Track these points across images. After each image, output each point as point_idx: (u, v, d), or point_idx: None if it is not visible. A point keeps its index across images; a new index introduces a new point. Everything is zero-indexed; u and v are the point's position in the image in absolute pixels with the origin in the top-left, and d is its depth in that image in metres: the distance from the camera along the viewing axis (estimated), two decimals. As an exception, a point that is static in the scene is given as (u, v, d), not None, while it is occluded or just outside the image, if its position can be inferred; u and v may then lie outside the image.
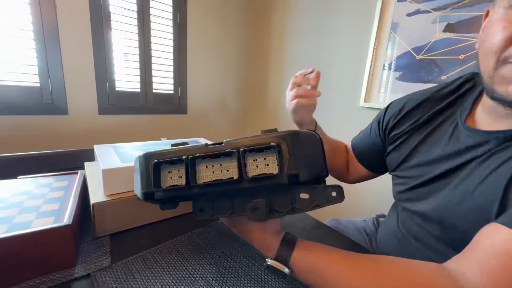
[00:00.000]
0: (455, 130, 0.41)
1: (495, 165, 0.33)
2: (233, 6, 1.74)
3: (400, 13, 1.05)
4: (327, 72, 1.38)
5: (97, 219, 0.40)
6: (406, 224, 0.47)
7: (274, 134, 0.28)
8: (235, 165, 0.27)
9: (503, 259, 0.25)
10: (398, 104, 0.52)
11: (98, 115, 1.37)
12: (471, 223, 0.34)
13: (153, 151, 0.31)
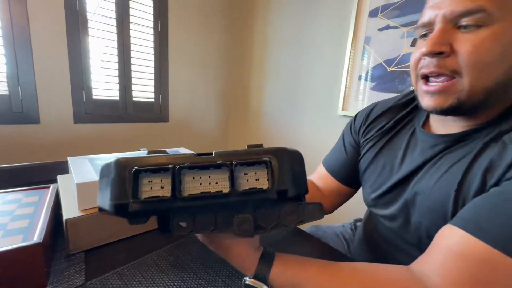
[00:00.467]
0: (413, 135, 0.46)
1: (447, 166, 0.37)
2: (214, 14, 1.76)
3: (372, 28, 1.12)
4: (307, 82, 1.43)
5: (71, 236, 0.39)
6: (377, 228, 0.50)
7: (264, 149, 0.28)
8: (225, 178, 0.26)
9: (458, 260, 0.27)
10: (364, 112, 0.56)
11: (74, 124, 1.32)
12: (431, 220, 0.37)
13: (127, 157, 0.28)
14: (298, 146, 1.50)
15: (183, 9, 1.60)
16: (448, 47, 0.34)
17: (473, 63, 0.32)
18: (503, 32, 0.31)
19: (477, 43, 0.32)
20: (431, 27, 0.36)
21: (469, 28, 0.32)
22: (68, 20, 1.21)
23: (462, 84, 0.34)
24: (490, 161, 0.32)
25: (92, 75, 1.33)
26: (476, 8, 0.31)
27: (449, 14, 0.33)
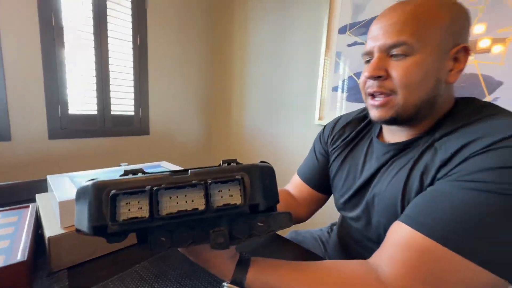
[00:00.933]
0: (370, 144, 0.52)
1: (396, 170, 0.43)
2: (194, 27, 1.81)
3: (341, 44, 1.22)
4: (285, 93, 1.50)
5: (53, 253, 0.39)
6: (347, 230, 0.56)
7: (237, 166, 0.30)
8: (201, 196, 0.27)
9: (403, 251, 0.32)
10: (331, 124, 0.63)
11: (48, 140, 1.28)
12: (387, 218, 0.42)
13: (104, 180, 0.28)
14: (278, 154, 1.55)
15: (162, 23, 1.63)
16: (384, 71, 0.41)
17: (404, 84, 0.40)
18: (423, 61, 0.39)
19: (405, 69, 0.40)
20: (371, 55, 0.44)
21: (398, 57, 0.40)
22: (43, 34, 1.20)
23: (398, 100, 0.41)
24: (426, 165, 0.39)
25: (68, 90, 1.31)
26: (401, 42, 0.39)
27: (383, 46, 0.41)
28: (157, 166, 0.70)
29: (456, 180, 0.33)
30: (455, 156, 0.35)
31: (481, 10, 0.84)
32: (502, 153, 0.31)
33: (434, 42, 0.39)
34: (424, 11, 0.39)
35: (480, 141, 0.34)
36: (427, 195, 0.35)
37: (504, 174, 0.30)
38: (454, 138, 0.37)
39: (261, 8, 1.58)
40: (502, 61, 0.82)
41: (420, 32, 0.39)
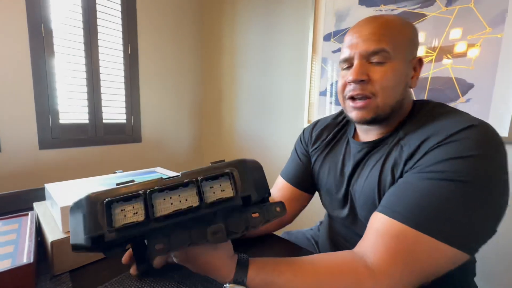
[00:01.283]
0: (347, 144, 0.57)
1: (371, 167, 0.48)
2: (184, 36, 1.84)
3: (327, 50, 1.28)
4: (275, 97, 1.55)
5: (56, 257, 0.41)
6: (336, 227, 0.60)
7: (225, 163, 0.31)
8: (194, 194, 0.28)
9: (383, 238, 0.36)
10: (309, 128, 0.67)
11: (39, 150, 1.27)
12: (367, 211, 0.47)
13: (97, 192, 0.28)
14: (269, 157, 1.59)
15: (152, 32, 1.65)
16: (366, 76, 0.45)
17: (383, 87, 0.45)
18: (398, 67, 0.45)
19: (384, 74, 0.44)
20: (351, 62, 0.47)
21: (377, 63, 0.45)
22: (32, 43, 1.20)
23: (377, 102, 0.46)
24: (395, 160, 0.44)
25: (59, 99, 1.31)
26: (381, 49, 0.44)
27: (364, 52, 0.45)
28: (152, 172, 0.72)
29: (419, 172, 0.38)
30: (417, 150, 0.41)
31: (452, 19, 0.91)
32: (452, 147, 0.37)
33: (404, 52, 0.45)
34: (396, 25, 0.45)
35: (434, 137, 0.39)
36: (398, 186, 0.40)
37: (454, 164, 0.35)
38: (415, 135, 0.43)
39: (249, 15, 1.63)
40: (472, 65, 0.89)
41: (395, 42, 0.44)
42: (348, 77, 0.46)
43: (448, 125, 0.40)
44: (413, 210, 0.35)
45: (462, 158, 0.35)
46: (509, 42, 0.82)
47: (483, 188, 0.35)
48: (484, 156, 0.35)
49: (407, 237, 0.35)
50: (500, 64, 0.84)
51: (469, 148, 0.36)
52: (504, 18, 0.82)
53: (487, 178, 0.35)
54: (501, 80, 0.84)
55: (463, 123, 0.38)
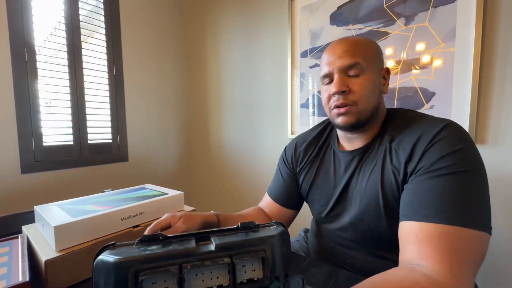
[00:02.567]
0: (335, 155, 0.61)
1: (369, 172, 0.53)
2: (168, 55, 1.89)
3: (304, 66, 1.37)
4: (259, 111, 1.61)
5: (50, 275, 0.42)
6: (329, 235, 0.62)
7: (259, 237, 0.31)
8: (226, 273, 0.28)
9: (427, 242, 0.37)
10: (291, 146, 0.71)
11: (21, 174, 1.24)
12: (369, 214, 0.51)
13: (127, 257, 0.27)
14: (256, 168, 1.63)
15: (137, 52, 1.69)
16: (347, 87, 0.51)
17: (362, 96, 0.51)
18: (371, 77, 0.52)
19: (361, 84, 0.51)
20: (331, 77, 0.54)
21: (354, 75, 0.51)
22: (15, 68, 1.21)
23: (359, 108, 0.52)
24: (394, 165, 0.49)
25: (42, 122, 1.30)
26: (356, 62, 0.51)
27: (341, 67, 0.52)
28: (142, 189, 0.74)
29: (425, 172, 0.43)
30: (414, 152, 0.46)
31: (411, 36, 1.03)
32: (441, 144, 0.43)
33: (373, 64, 0.53)
34: (363, 43, 0.53)
35: (423, 138, 0.45)
36: (413, 192, 0.43)
37: (450, 158, 0.41)
38: (404, 138, 0.49)
39: (230, 33, 1.71)
40: (432, 76, 0.99)
41: (365, 56, 0.51)
42: (331, 89, 0.52)
43: (429, 127, 0.46)
44: (440, 209, 0.38)
45: (454, 152, 0.42)
46: (460, 54, 0.93)
47: (479, 172, 0.41)
48: (468, 147, 0.42)
49: (448, 234, 0.37)
50: (455, 74, 0.95)
51: (455, 143, 0.42)
52: (454, 34, 0.94)
53: (478, 163, 0.42)
54: (457, 87, 0.95)
55: (439, 123, 0.46)
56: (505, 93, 0.88)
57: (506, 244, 0.91)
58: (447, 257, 0.36)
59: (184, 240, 0.30)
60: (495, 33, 0.88)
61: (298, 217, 1.26)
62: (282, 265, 0.31)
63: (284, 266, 0.31)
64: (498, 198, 0.91)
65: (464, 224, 0.37)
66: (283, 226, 0.34)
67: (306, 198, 0.67)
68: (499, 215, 0.91)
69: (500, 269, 0.93)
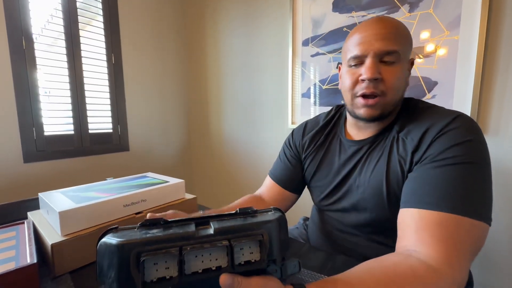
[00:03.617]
0: (341, 143, 0.61)
1: (375, 162, 0.52)
2: (167, 43, 1.86)
3: (306, 55, 1.35)
4: (260, 101, 1.60)
5: (56, 259, 0.44)
6: (329, 221, 0.63)
7: (256, 222, 0.32)
8: (224, 255, 0.29)
9: (428, 230, 0.38)
10: (300, 131, 0.71)
11: (24, 163, 1.25)
12: (372, 203, 0.51)
13: (129, 240, 0.28)
14: (256, 159, 1.64)
15: (136, 41, 1.67)
16: (380, 75, 0.48)
17: (393, 87, 0.49)
18: (403, 68, 0.50)
19: (395, 74, 0.48)
20: (361, 59, 0.49)
21: (389, 63, 0.48)
22: (13, 57, 1.20)
23: (386, 100, 0.49)
24: (400, 154, 0.48)
25: (43, 111, 1.30)
26: (394, 49, 0.47)
27: (378, 51, 0.47)
28: (144, 177, 0.75)
29: (431, 161, 0.43)
30: (421, 142, 0.46)
31: (415, 23, 1.01)
32: (450, 135, 0.43)
33: (407, 54, 0.50)
34: (403, 29, 0.49)
35: (432, 129, 0.45)
36: (417, 180, 0.43)
37: (458, 149, 0.41)
38: (413, 128, 0.48)
39: (230, 21, 1.68)
40: (435, 65, 0.98)
41: (403, 44, 0.48)
42: (363, 75, 0.48)
43: (439, 118, 0.46)
44: (443, 197, 0.39)
45: (463, 143, 0.42)
46: (465, 43, 0.92)
47: (485, 165, 0.41)
48: (477, 140, 0.42)
49: (448, 223, 0.37)
50: (458, 63, 0.93)
51: (464, 135, 0.42)
52: (459, 22, 0.92)
53: (485, 156, 0.42)
54: (460, 77, 0.94)
55: (450, 115, 0.45)
56: (508, 84, 0.87)
57: (503, 235, 0.93)
58: (445, 245, 0.36)
59: (184, 225, 0.31)
60: (500, 21, 0.87)
61: (298, 205, 1.28)
62: (279, 249, 0.32)
63: (281, 249, 0.32)
64: (498, 189, 0.92)
65: (466, 213, 0.37)
66: (281, 211, 0.35)
67: (308, 184, 0.67)
68: (499, 206, 0.93)
69: (496, 258, 0.95)
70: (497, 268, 0.95)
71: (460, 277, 0.35)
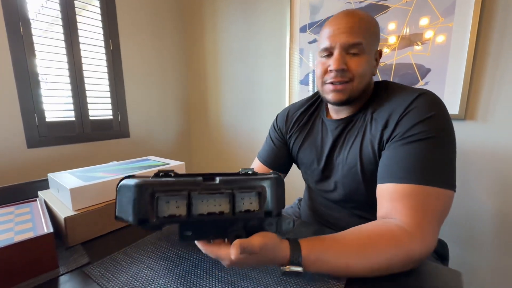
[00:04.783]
0: (323, 123, 0.65)
1: (351, 141, 0.57)
2: (166, 30, 1.85)
3: (303, 41, 1.35)
4: (258, 88, 1.62)
5: (69, 230, 0.48)
6: (316, 199, 0.69)
7: (256, 178, 0.36)
8: (227, 202, 0.33)
9: (400, 200, 0.43)
10: (284, 114, 0.75)
11: (27, 149, 1.29)
12: (348, 179, 0.57)
13: (146, 180, 0.32)
14: (253, 143, 1.68)
15: (134, 27, 1.66)
16: (345, 65, 0.53)
17: (358, 75, 0.53)
18: (368, 59, 0.54)
19: (359, 64, 0.53)
20: (330, 51, 0.54)
21: (354, 54, 0.53)
22: (12, 44, 1.20)
23: (352, 86, 0.54)
24: (372, 133, 0.53)
25: (43, 98, 1.32)
26: (358, 42, 0.51)
27: (343, 44, 0.52)
28: (145, 160, 0.78)
29: (400, 139, 0.48)
30: (389, 121, 0.50)
31: (411, 10, 1.01)
32: (414, 113, 0.47)
33: (372, 46, 0.54)
34: (368, 22, 0.53)
35: (398, 108, 0.50)
36: (390, 158, 0.48)
37: (422, 125, 0.46)
38: (383, 108, 0.53)
39: (229, 9, 1.67)
40: (429, 52, 1.00)
41: (367, 36, 0.52)
42: (331, 65, 0.54)
43: (404, 98, 0.50)
44: (412, 171, 0.44)
45: (426, 119, 0.46)
46: (458, 30, 0.93)
47: (449, 138, 0.46)
48: (439, 115, 0.46)
49: (419, 193, 0.42)
50: (451, 50, 0.95)
51: (426, 112, 0.46)
52: (454, 8, 0.93)
53: (448, 129, 0.46)
54: (452, 64, 0.96)
55: (414, 93, 0.49)
56: (498, 72, 0.90)
57: (489, 216, 0.98)
58: (417, 212, 0.41)
59: (193, 177, 0.35)
60: (493, 9, 0.88)
61: (293, 188, 1.33)
62: (276, 203, 0.36)
63: (277, 204, 0.36)
64: (486, 170, 0.97)
65: (432, 183, 0.43)
66: (278, 174, 0.39)
67: (296, 161, 0.73)
68: (486, 188, 0.98)
69: (480, 237, 1.01)
70: (479, 246, 1.01)
71: (429, 239, 0.41)
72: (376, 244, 0.39)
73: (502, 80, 0.89)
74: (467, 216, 1.02)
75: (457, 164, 0.47)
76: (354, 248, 0.39)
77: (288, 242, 0.38)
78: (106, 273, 0.41)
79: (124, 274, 0.41)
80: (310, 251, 0.37)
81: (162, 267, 0.43)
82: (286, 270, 0.36)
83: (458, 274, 0.40)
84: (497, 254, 0.98)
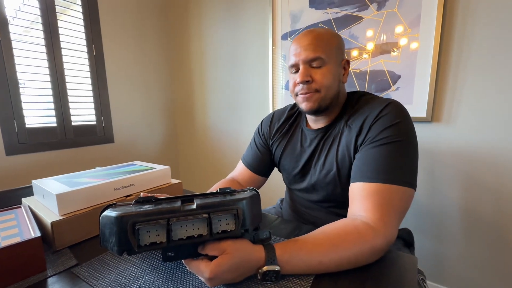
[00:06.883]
0: (302, 132, 0.71)
1: (327, 148, 0.63)
2: (150, 34, 1.86)
3: (285, 48, 1.41)
4: (242, 93, 1.66)
5: (56, 235, 0.49)
6: (296, 199, 0.74)
7: (232, 199, 0.38)
8: (205, 225, 0.36)
9: (369, 198, 0.48)
10: (268, 120, 0.80)
11: (6, 156, 1.25)
12: (328, 183, 0.62)
13: (127, 213, 0.34)
14: (238, 146, 1.71)
15: (117, 32, 1.66)
16: (310, 77, 0.59)
17: (323, 85, 0.59)
18: (332, 68, 0.59)
19: (323, 75, 0.59)
20: (297, 67, 0.61)
21: (317, 67, 0.59)
22: (-11, 49, 1.17)
23: (320, 95, 0.60)
24: (347, 140, 0.58)
25: (23, 104, 1.29)
26: (317, 56, 0.58)
27: (305, 59, 0.58)
28: (131, 165, 0.80)
29: (370, 143, 0.53)
30: (362, 127, 0.56)
31: (382, 21, 1.10)
32: (384, 119, 0.53)
33: (334, 56, 0.60)
34: (325, 37, 0.59)
35: (370, 116, 0.55)
36: (362, 159, 0.53)
37: (389, 130, 0.52)
38: (357, 116, 0.59)
39: (213, 14, 1.71)
40: (399, 60, 1.08)
41: (326, 50, 0.58)
42: (297, 79, 0.60)
43: (375, 106, 0.57)
44: (379, 171, 0.49)
45: (393, 125, 0.52)
46: (424, 40, 1.02)
47: (412, 142, 0.52)
48: (404, 122, 0.53)
49: (384, 191, 0.47)
50: (418, 59, 1.04)
51: (394, 118, 0.53)
52: (419, 21, 1.02)
53: (411, 134, 0.52)
54: (420, 71, 1.04)
55: (384, 103, 0.56)
56: (459, 77, 0.99)
57: (453, 209, 1.07)
58: (381, 208, 0.46)
59: (172, 201, 0.39)
60: (453, 22, 0.97)
61: (276, 188, 1.38)
62: (251, 221, 0.39)
63: (253, 221, 0.39)
64: (450, 170, 1.05)
65: (395, 182, 0.48)
66: (256, 191, 0.42)
67: (278, 166, 0.78)
68: (451, 185, 1.06)
69: (444, 227, 1.09)
70: (446, 237, 1.10)
71: (390, 232, 0.46)
72: (344, 242, 0.42)
73: (463, 85, 0.99)
74: (436, 211, 1.10)
75: (425, 163, 0.54)
76: (325, 247, 0.42)
77: (262, 246, 0.41)
78: (95, 273, 0.43)
79: (112, 273, 0.43)
80: (284, 251, 0.40)
81: (148, 265, 0.45)
82: (264, 270, 0.38)
83: (415, 259, 0.46)
84: (463, 245, 1.07)
